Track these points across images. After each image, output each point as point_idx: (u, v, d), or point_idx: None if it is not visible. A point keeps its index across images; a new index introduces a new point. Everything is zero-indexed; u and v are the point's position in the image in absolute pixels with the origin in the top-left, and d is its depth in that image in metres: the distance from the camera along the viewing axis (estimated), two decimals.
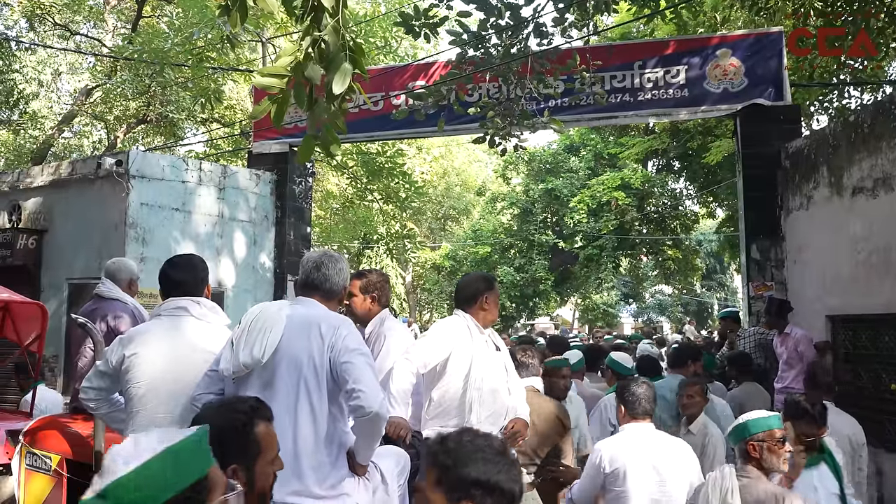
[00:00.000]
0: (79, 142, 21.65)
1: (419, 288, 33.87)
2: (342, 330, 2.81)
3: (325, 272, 3.03)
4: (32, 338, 6.01)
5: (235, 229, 9.82)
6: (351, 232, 21.59)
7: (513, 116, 6.95)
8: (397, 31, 14.01)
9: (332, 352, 2.75)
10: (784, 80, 8.30)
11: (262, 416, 2.18)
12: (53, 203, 9.37)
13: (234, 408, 2.18)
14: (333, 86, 2.77)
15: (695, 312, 42.17)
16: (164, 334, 3.08)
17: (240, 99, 18.26)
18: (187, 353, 3.02)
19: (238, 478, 2.07)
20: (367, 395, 2.63)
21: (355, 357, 2.74)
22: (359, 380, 2.67)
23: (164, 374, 2.97)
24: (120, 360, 3.04)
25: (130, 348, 3.05)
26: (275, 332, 2.76)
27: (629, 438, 3.62)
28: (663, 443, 3.64)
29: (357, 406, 2.64)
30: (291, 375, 2.74)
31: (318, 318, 2.83)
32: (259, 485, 2.10)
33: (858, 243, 6.52)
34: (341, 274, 3.07)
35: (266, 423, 2.17)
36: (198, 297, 3.23)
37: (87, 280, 8.32)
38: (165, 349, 3.03)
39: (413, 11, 6.28)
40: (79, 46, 19.15)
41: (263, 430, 2.14)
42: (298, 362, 2.74)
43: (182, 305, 3.16)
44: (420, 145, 21.35)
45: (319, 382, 2.74)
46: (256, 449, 2.11)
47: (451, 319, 3.80)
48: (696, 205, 22.61)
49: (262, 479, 2.11)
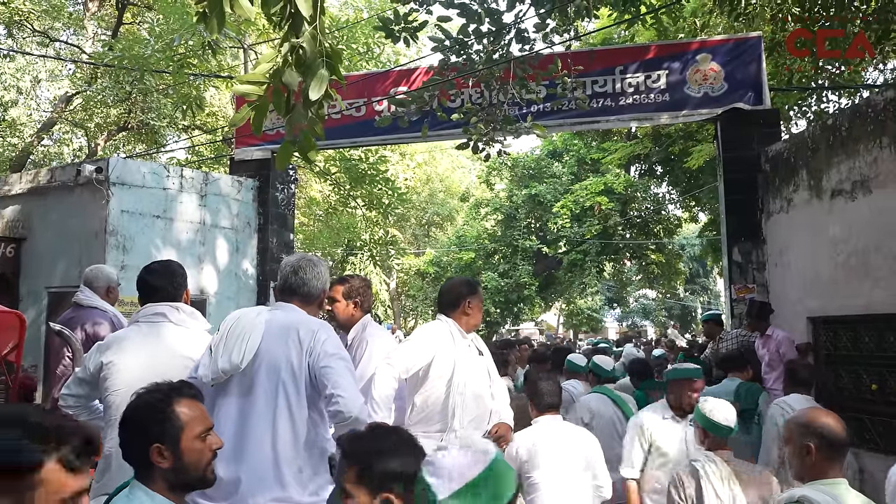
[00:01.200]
0: (59, 149, 21.44)
1: (403, 294, 33.82)
2: (321, 334, 2.79)
3: (302, 276, 3.02)
4: (10, 347, 5.91)
5: (217, 236, 9.76)
6: (334, 238, 21.53)
7: (496, 122, 6.97)
8: (379, 37, 13.99)
9: (311, 357, 2.73)
10: (763, 85, 8.38)
11: (183, 393, 2.17)
12: (32, 210, 9.26)
13: (153, 389, 2.18)
14: (310, 92, 2.77)
15: (678, 316, 42.48)
16: (141, 341, 3.06)
17: (222, 106, 18.17)
18: (166, 360, 3.00)
19: (164, 457, 2.07)
20: (346, 400, 2.61)
21: (334, 362, 2.72)
22: (338, 384, 2.65)
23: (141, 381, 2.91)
24: (98, 367, 3.03)
25: (108, 355, 3.03)
26: (253, 338, 2.75)
27: (539, 430, 3.94)
28: (570, 433, 3.97)
29: (336, 412, 2.63)
30: (270, 381, 2.72)
31: (296, 322, 2.82)
32: (188, 460, 2.09)
33: (838, 245, 6.58)
34: (319, 277, 3.05)
35: (188, 400, 2.16)
36: (176, 302, 3.21)
37: (66, 288, 8.22)
38: (143, 356, 3.00)
39: (393, 16, 6.28)
40: (58, 53, 19.00)
41: (184, 406, 2.13)
42: (277, 368, 2.73)
43: (160, 311, 3.14)
44: (403, 151, 21.35)
45: (298, 388, 2.72)
46: (178, 425, 2.10)
47: (433, 324, 3.78)
48: (678, 209, 22.79)
49: (191, 454, 2.10)
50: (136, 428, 2.12)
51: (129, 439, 2.12)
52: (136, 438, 2.11)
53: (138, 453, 2.09)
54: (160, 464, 2.07)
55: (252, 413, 2.71)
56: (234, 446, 2.68)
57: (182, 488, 2.13)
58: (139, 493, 2.06)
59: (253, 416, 2.71)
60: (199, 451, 2.11)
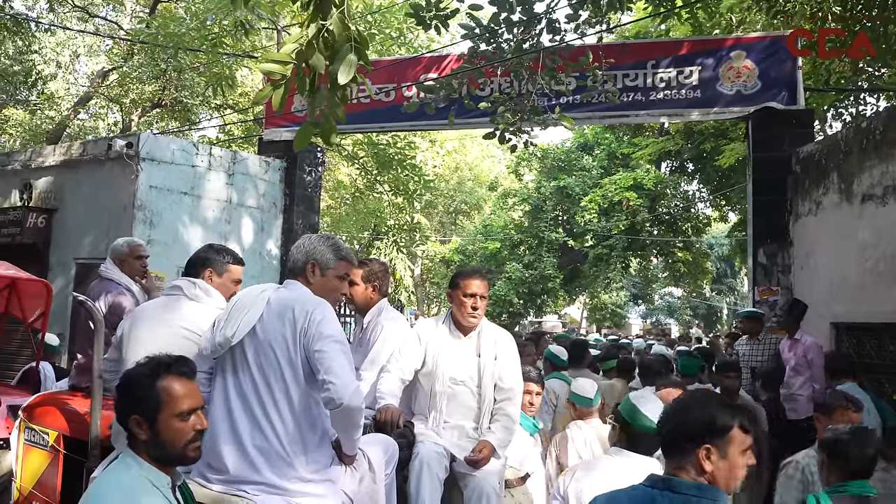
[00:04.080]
0: (94, 124, 21.77)
1: (428, 281, 33.89)
2: (316, 314, 2.74)
3: (290, 252, 3.04)
4: (37, 315, 6.08)
5: (243, 215, 9.86)
6: (361, 222, 21.61)
7: (523, 112, 6.92)
8: (411, 23, 13.98)
9: (305, 337, 2.71)
10: (798, 84, 8.24)
11: (172, 370, 2.18)
12: (64, 183, 9.44)
13: (145, 363, 2.21)
14: (339, 76, 2.78)
15: (703, 316, 42.04)
16: (154, 313, 3.19)
17: (254, 86, 18.30)
18: (173, 332, 3.09)
19: (142, 429, 2.11)
20: (336, 386, 2.60)
21: (328, 345, 2.68)
22: (330, 370, 2.63)
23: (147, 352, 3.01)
24: (119, 337, 3.24)
25: (127, 326, 3.22)
26: (251, 314, 2.76)
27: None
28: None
29: (328, 398, 2.62)
30: (268, 358, 2.74)
31: (293, 301, 2.80)
32: (165, 436, 2.11)
33: (866, 250, 6.47)
34: (300, 249, 3.00)
35: (176, 378, 2.17)
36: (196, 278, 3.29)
37: (94, 260, 8.37)
38: (154, 327, 3.11)
39: (424, 2, 6.27)
40: (97, 29, 19.25)
41: (169, 383, 2.15)
42: (273, 345, 2.73)
43: (177, 285, 3.28)
44: (433, 139, 21.34)
45: (294, 367, 2.72)
46: (158, 401, 2.12)
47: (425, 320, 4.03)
48: (708, 207, 22.52)
49: (168, 431, 2.12)
50: (122, 397, 2.19)
51: (118, 407, 2.19)
52: (121, 407, 2.18)
53: (123, 421, 2.16)
54: (139, 435, 2.12)
55: (247, 389, 2.74)
56: (230, 422, 2.71)
57: (162, 461, 2.15)
58: (128, 459, 2.13)
59: (248, 391, 2.73)
60: (178, 429, 2.12)
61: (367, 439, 3.02)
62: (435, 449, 3.41)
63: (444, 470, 3.41)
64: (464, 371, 3.67)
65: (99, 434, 3.46)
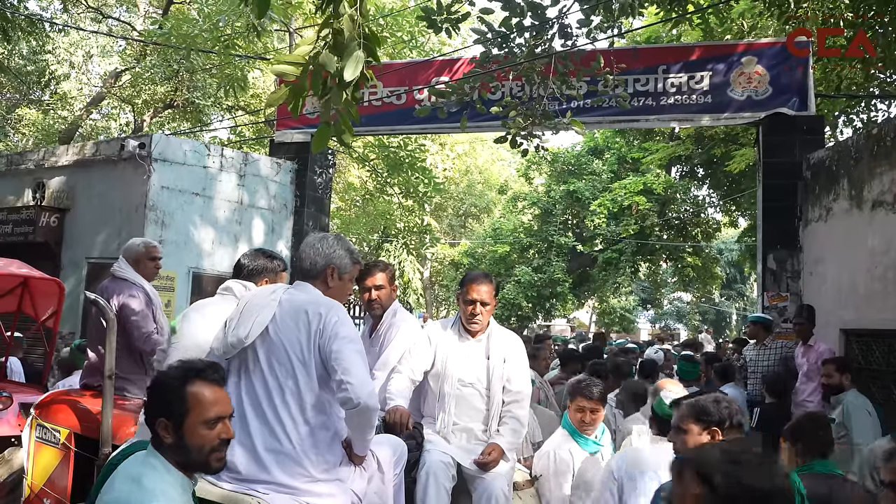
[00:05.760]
0: (106, 124, 21.90)
1: (437, 284, 33.89)
2: (331, 316, 2.74)
3: (301, 251, 3.01)
4: (49, 313, 6.14)
5: (254, 216, 9.91)
6: (371, 224, 21.64)
7: (535, 116, 6.93)
8: (423, 26, 14.01)
9: (321, 338, 2.71)
10: (809, 90, 8.22)
11: (203, 375, 2.17)
12: (77, 182, 9.51)
13: (179, 366, 2.21)
14: (345, 72, 2.77)
15: (713, 321, 41.87)
16: (205, 311, 3.29)
17: (266, 87, 18.37)
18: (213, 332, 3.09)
19: (168, 433, 2.10)
20: (354, 386, 2.61)
21: (344, 346, 2.69)
22: (347, 370, 2.64)
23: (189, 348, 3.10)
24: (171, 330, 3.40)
25: (179, 320, 3.34)
26: (263, 315, 2.77)
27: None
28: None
29: (345, 398, 2.63)
30: (280, 359, 2.74)
31: (305, 303, 2.80)
32: (190, 442, 2.10)
33: (876, 257, 6.45)
34: (318, 252, 2.95)
35: (206, 384, 2.16)
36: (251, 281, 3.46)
37: (105, 259, 8.44)
38: (200, 325, 3.20)
39: (435, 6, 6.29)
40: (110, 30, 19.38)
41: (199, 389, 2.14)
42: (286, 347, 2.74)
43: (228, 286, 3.40)
44: (443, 142, 21.35)
45: (307, 368, 2.72)
46: (185, 406, 2.11)
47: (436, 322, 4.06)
48: (718, 213, 22.45)
49: (194, 437, 2.11)
50: (151, 398, 2.20)
51: (147, 406, 2.21)
52: (150, 407, 2.19)
53: (150, 423, 2.16)
54: (164, 438, 2.11)
55: (259, 389, 2.75)
56: (242, 424, 2.70)
57: (185, 467, 2.14)
58: (153, 460, 2.11)
59: (260, 392, 2.75)
60: (203, 436, 2.11)
61: (377, 440, 3.03)
62: (442, 458, 3.41)
63: (450, 480, 3.40)
64: (472, 373, 3.69)
65: (110, 432, 3.50)
